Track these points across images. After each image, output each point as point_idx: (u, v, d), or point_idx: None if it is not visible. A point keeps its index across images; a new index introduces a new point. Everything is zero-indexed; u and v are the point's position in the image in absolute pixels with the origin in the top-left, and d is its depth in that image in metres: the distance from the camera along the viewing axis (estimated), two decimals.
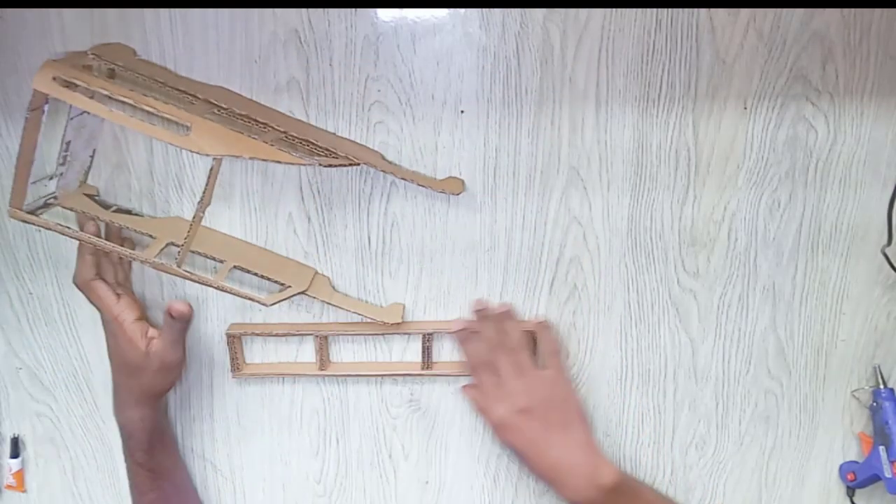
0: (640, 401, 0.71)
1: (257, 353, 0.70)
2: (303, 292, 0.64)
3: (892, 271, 0.66)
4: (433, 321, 0.68)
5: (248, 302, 0.63)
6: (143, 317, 0.65)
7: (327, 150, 0.59)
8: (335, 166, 0.58)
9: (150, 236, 0.63)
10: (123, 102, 0.53)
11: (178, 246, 0.60)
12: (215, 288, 0.62)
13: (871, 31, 0.61)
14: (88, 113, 0.55)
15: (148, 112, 0.53)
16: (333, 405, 0.71)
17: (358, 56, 0.61)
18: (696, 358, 0.70)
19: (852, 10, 0.60)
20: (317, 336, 0.67)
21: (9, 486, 0.74)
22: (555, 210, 0.65)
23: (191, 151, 0.55)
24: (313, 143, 0.59)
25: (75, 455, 0.74)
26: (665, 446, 0.72)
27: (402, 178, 0.62)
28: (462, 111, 0.63)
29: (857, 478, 0.71)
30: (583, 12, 0.60)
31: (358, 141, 0.63)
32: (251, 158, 0.55)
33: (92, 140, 0.63)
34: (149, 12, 0.60)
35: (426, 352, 0.68)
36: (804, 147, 0.64)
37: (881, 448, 0.68)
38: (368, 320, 0.66)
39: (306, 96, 0.62)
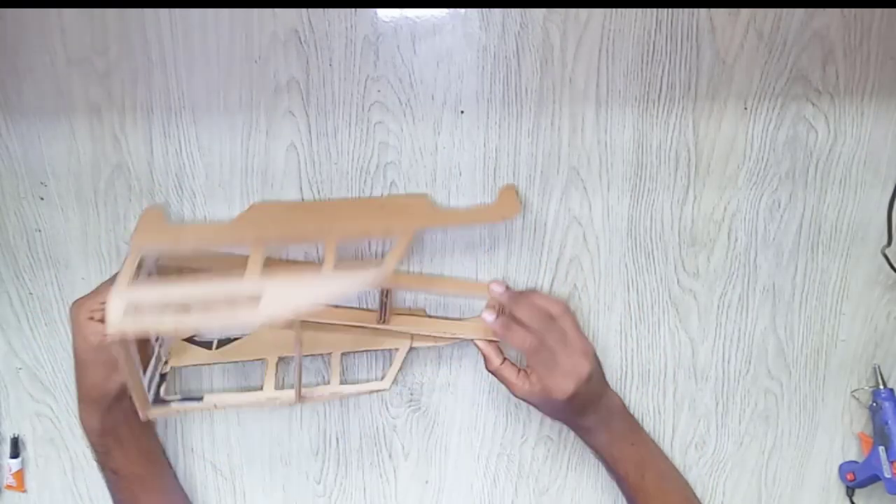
0: (640, 401, 0.71)
1: None
2: (411, 348, 0.66)
3: (892, 272, 0.66)
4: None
5: None
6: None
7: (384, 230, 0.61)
8: (400, 259, 0.59)
9: (260, 360, 0.65)
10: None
11: (284, 358, 0.63)
12: (340, 398, 0.64)
13: (871, 31, 0.61)
14: None
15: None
16: (333, 405, 0.71)
17: (358, 56, 0.61)
18: (695, 358, 0.70)
19: (852, 10, 0.60)
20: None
21: (9, 486, 0.74)
22: (555, 210, 0.65)
23: (277, 327, 0.61)
24: (370, 234, 0.62)
25: (75, 455, 0.73)
26: (665, 446, 0.72)
27: (462, 224, 0.63)
28: (462, 111, 0.63)
29: (856, 478, 0.71)
30: (583, 12, 0.60)
31: (358, 141, 0.63)
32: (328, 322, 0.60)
33: None
34: (149, 12, 0.60)
35: (383, 306, 0.66)
36: (804, 147, 0.64)
37: (881, 448, 0.68)
38: None
39: (306, 96, 0.62)
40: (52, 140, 0.64)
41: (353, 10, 0.60)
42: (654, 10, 0.60)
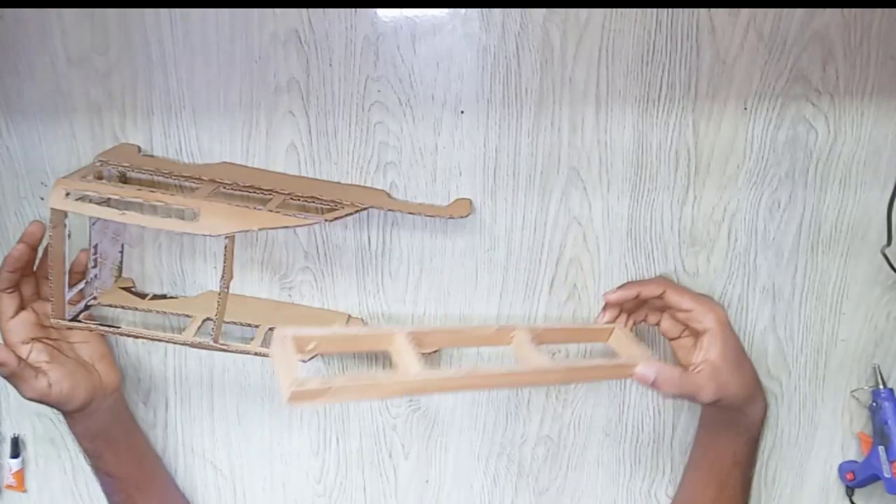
0: (640, 401, 0.71)
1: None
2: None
3: (892, 271, 0.66)
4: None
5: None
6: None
7: (332, 201, 0.60)
8: (342, 217, 0.59)
9: (188, 316, 0.64)
10: (135, 202, 0.56)
11: (213, 320, 0.61)
12: (255, 355, 0.62)
13: (871, 31, 0.61)
14: None
15: (159, 205, 0.56)
16: (333, 405, 0.71)
17: (358, 56, 0.61)
18: None
19: (852, 10, 0.60)
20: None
21: (9, 486, 0.74)
22: (555, 210, 0.65)
23: (204, 235, 0.59)
24: (318, 199, 0.61)
25: (75, 455, 0.74)
26: (665, 446, 0.72)
27: (410, 213, 0.63)
28: (462, 111, 0.63)
29: (856, 477, 0.71)
30: (583, 12, 0.60)
31: (358, 141, 0.63)
32: (260, 230, 0.56)
33: (118, 237, 0.66)
34: (149, 12, 0.60)
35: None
36: (804, 147, 0.64)
37: (880, 448, 0.68)
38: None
39: (306, 96, 0.62)
40: (52, 140, 0.64)
41: (353, 10, 0.60)
42: (654, 10, 0.60)
